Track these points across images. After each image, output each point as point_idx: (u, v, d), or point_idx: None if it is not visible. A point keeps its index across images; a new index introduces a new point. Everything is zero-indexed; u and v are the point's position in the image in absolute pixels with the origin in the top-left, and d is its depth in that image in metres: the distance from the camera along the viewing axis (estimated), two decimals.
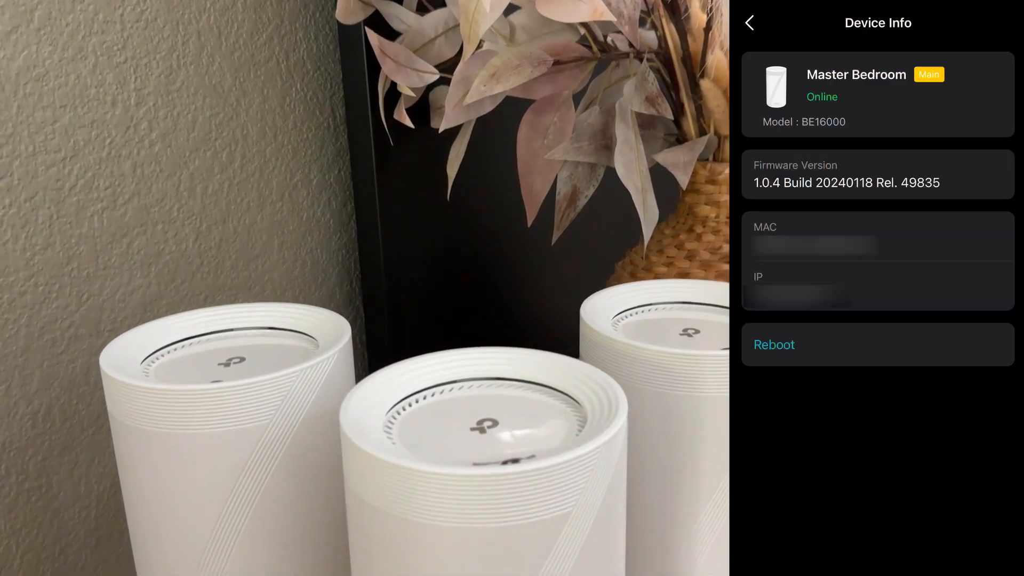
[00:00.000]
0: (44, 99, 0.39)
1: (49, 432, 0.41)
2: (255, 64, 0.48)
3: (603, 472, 0.23)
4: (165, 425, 0.28)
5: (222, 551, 0.29)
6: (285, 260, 0.51)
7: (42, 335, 0.40)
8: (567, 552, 0.23)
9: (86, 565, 0.44)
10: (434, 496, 0.21)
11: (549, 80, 0.45)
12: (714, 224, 0.46)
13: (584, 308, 0.33)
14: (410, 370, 0.28)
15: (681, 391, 0.29)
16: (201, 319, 0.34)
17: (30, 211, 0.39)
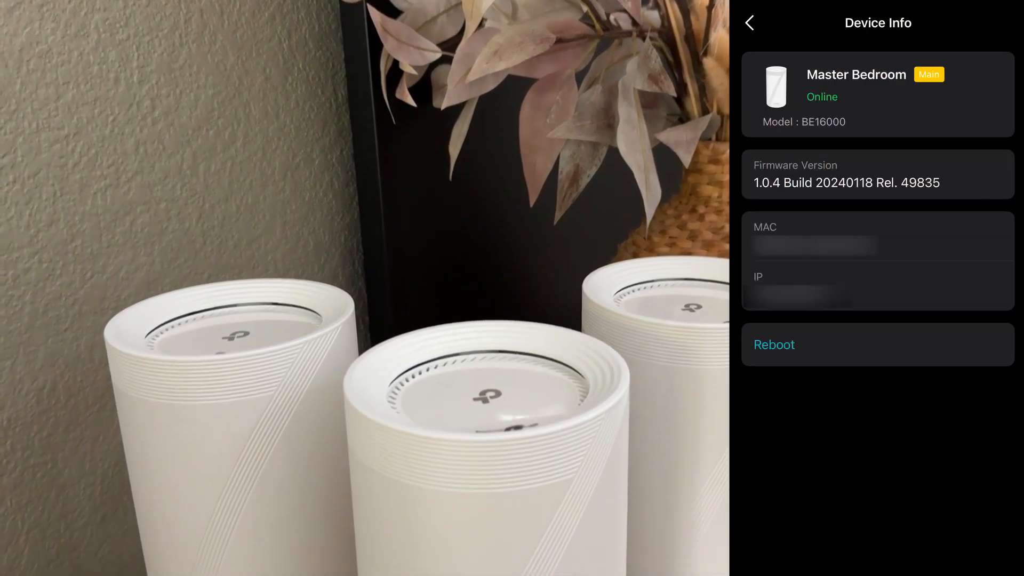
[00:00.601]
0: (47, 76, 0.39)
1: (54, 409, 0.41)
2: (257, 43, 0.47)
3: (605, 440, 0.23)
4: (170, 396, 0.28)
5: (227, 521, 0.29)
6: (288, 240, 0.51)
7: (46, 312, 0.40)
8: (569, 519, 0.23)
9: (91, 541, 0.44)
10: (437, 462, 0.22)
11: (552, 59, 0.44)
12: (717, 204, 0.46)
13: (586, 284, 0.33)
14: (413, 342, 0.28)
15: (683, 364, 0.29)
16: (205, 294, 0.34)
17: (34, 188, 0.39)
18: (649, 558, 0.32)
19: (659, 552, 0.31)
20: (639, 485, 0.31)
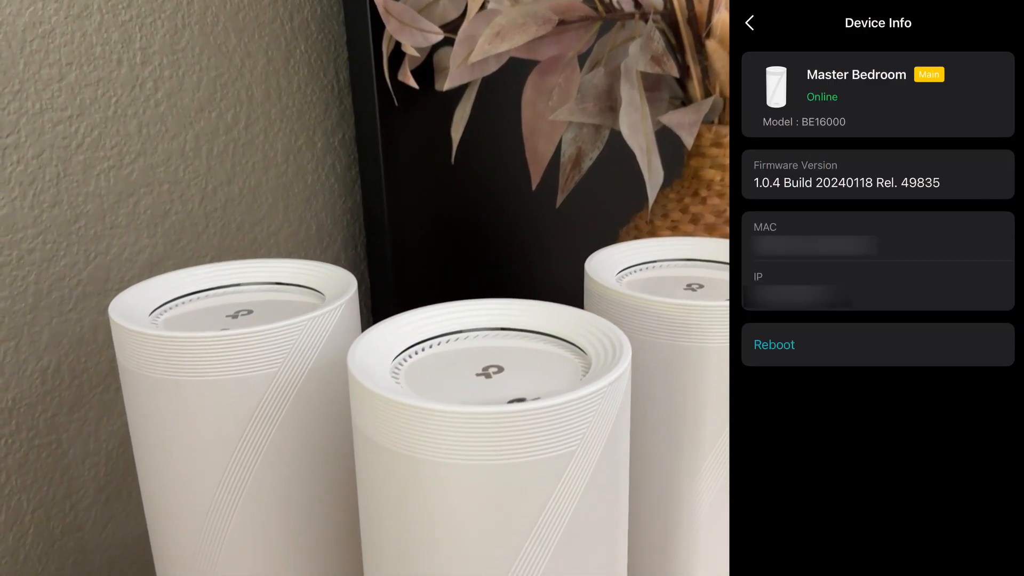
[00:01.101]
0: (50, 56, 0.39)
1: (58, 389, 0.42)
2: (259, 25, 0.47)
3: (607, 413, 0.23)
4: (174, 373, 0.28)
5: (231, 498, 0.29)
6: (290, 223, 0.51)
7: (50, 293, 0.41)
8: (571, 491, 0.23)
9: (96, 521, 0.44)
10: (441, 434, 0.22)
11: (554, 41, 0.44)
12: (719, 187, 0.47)
13: (589, 264, 0.33)
14: (416, 319, 0.28)
15: (684, 342, 0.29)
16: (209, 274, 0.34)
17: (37, 168, 0.39)
18: (650, 533, 0.32)
19: (660, 528, 0.32)
20: (641, 461, 0.31)
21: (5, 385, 0.40)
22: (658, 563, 0.32)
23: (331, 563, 0.32)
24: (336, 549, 0.32)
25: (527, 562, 0.23)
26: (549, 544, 0.23)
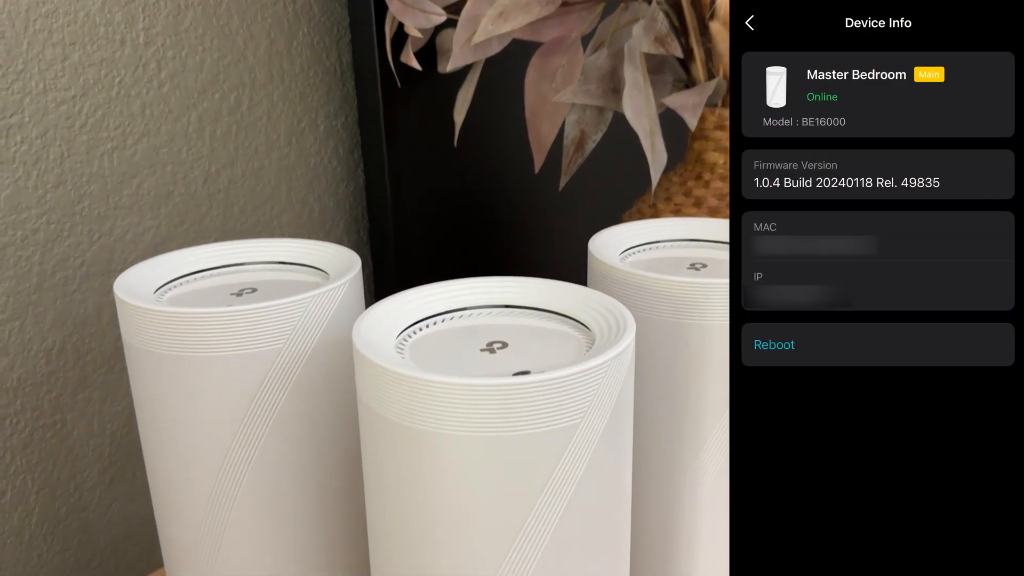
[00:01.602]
0: (54, 36, 0.39)
1: (63, 370, 0.42)
2: (262, 6, 0.47)
3: (611, 387, 0.23)
4: (180, 349, 0.28)
5: (236, 474, 0.30)
6: (293, 206, 0.51)
7: (55, 273, 0.41)
8: (575, 464, 0.23)
9: (100, 501, 0.45)
10: (446, 406, 0.22)
11: (557, 22, 0.44)
12: (723, 171, 0.46)
13: (592, 243, 0.34)
14: (421, 296, 0.28)
15: (687, 319, 0.29)
16: (213, 253, 0.34)
17: (41, 148, 0.39)
18: (654, 509, 0.32)
19: (663, 504, 0.32)
20: (644, 439, 0.31)
21: (10, 365, 0.40)
22: (659, 543, 0.32)
23: (335, 537, 0.32)
24: (341, 525, 0.32)
25: (531, 534, 0.23)
26: (552, 517, 0.23)
